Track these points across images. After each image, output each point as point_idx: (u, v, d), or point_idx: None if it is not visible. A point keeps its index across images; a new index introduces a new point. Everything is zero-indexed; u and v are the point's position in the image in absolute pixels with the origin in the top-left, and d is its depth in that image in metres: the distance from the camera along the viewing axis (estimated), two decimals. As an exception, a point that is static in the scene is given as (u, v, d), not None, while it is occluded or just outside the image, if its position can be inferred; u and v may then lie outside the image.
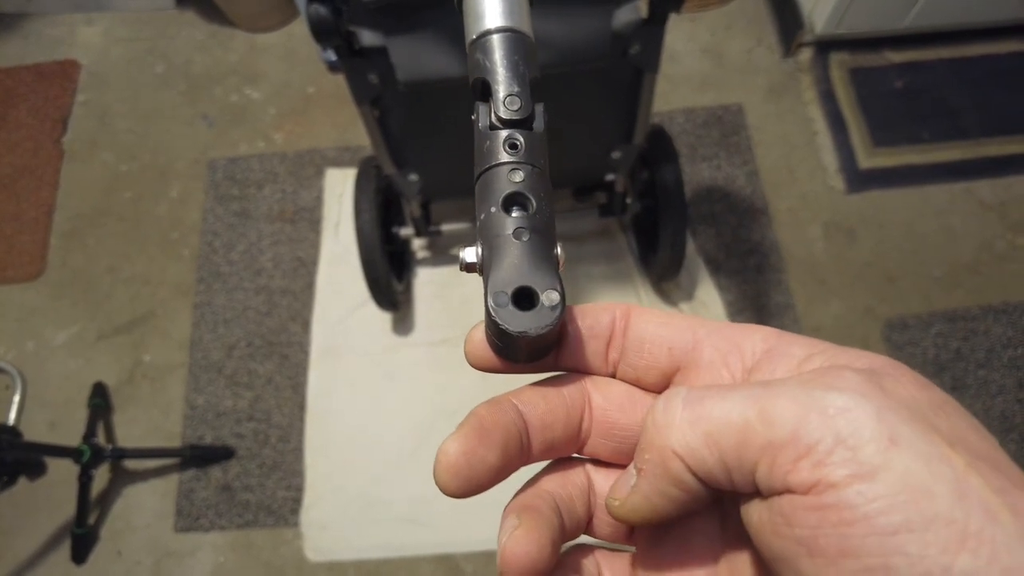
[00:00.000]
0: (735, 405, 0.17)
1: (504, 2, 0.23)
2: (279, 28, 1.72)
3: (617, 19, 0.85)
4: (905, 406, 0.16)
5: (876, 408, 0.15)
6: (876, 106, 1.52)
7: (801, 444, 0.15)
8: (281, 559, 1.22)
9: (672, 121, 1.54)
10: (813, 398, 0.16)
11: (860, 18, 1.44)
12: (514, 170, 0.22)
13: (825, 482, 0.15)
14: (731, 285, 1.38)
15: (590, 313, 0.23)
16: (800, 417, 0.15)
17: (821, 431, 0.15)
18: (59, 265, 1.50)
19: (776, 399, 0.16)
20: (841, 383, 0.16)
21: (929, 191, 1.45)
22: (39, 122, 1.64)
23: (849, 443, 0.15)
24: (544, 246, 0.21)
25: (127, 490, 1.29)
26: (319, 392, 1.33)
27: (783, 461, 0.15)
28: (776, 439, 0.16)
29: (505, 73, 0.22)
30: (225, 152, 1.58)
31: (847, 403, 0.15)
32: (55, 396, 1.37)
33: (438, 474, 0.19)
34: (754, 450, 0.16)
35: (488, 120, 0.23)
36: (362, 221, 1.16)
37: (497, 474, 0.20)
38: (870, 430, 0.15)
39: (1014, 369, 1.29)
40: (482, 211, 0.22)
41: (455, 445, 0.19)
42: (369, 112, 0.94)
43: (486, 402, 0.21)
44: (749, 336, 0.20)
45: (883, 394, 0.16)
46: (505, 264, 0.21)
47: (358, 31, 0.84)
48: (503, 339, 0.21)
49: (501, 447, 0.20)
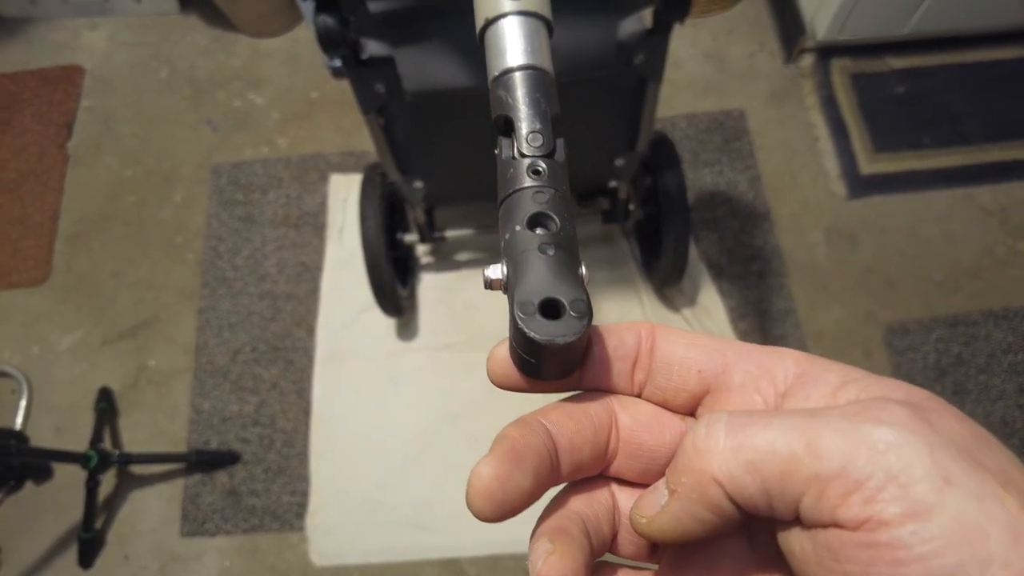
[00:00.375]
0: (780, 435, 0.17)
1: (526, 41, 0.24)
2: (283, 33, 1.73)
3: (622, 29, 0.86)
4: (953, 442, 0.16)
5: (928, 445, 0.15)
6: (877, 112, 1.53)
7: (851, 479, 0.15)
8: (286, 563, 1.22)
9: (674, 126, 1.54)
10: (862, 432, 0.16)
11: (862, 24, 1.45)
12: (538, 192, 0.22)
13: (877, 519, 0.15)
14: (733, 290, 1.38)
15: (615, 333, 0.22)
16: (849, 451, 0.15)
17: (871, 467, 0.15)
18: (64, 270, 1.50)
19: (823, 431, 0.16)
20: (889, 417, 0.16)
21: (930, 196, 1.46)
22: (44, 127, 1.65)
23: (901, 480, 0.15)
24: (569, 261, 0.21)
25: (133, 495, 1.30)
26: (324, 397, 1.33)
27: (832, 495, 0.15)
28: (824, 472, 0.16)
29: (527, 110, 0.23)
30: (229, 157, 1.59)
31: (897, 439, 0.15)
32: (60, 401, 1.38)
33: (471, 498, 0.19)
34: (800, 481, 0.16)
35: (511, 153, 0.23)
36: (367, 227, 1.17)
37: (530, 497, 0.20)
38: (923, 468, 0.15)
39: (1014, 374, 1.30)
40: (507, 231, 0.22)
41: (489, 469, 0.19)
42: (375, 120, 0.95)
43: (515, 423, 0.21)
44: (781, 360, 0.20)
45: (932, 430, 0.16)
46: (531, 277, 0.21)
47: (365, 41, 0.85)
48: (529, 350, 0.20)
49: (534, 471, 0.19)
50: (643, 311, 1.35)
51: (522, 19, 0.24)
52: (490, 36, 0.24)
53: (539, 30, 0.24)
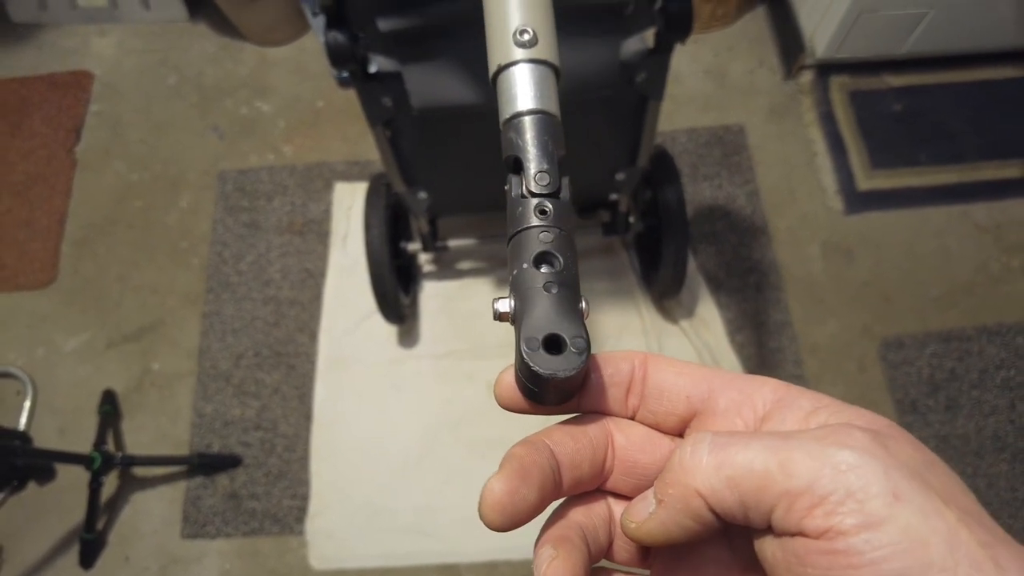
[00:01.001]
0: (757, 454, 0.19)
1: (535, 87, 0.26)
2: (290, 42, 1.75)
3: (625, 49, 0.88)
4: (905, 464, 0.18)
5: (883, 466, 0.17)
6: (875, 129, 1.55)
7: (816, 494, 0.17)
8: (286, 567, 1.24)
9: (674, 140, 1.57)
10: (827, 454, 0.18)
11: (860, 42, 1.48)
12: (544, 232, 0.24)
13: (836, 529, 0.17)
14: (731, 303, 1.40)
15: (611, 361, 0.25)
16: (816, 470, 0.18)
17: (834, 484, 0.17)
18: (70, 273, 1.52)
19: (794, 452, 0.18)
20: (852, 441, 0.18)
21: (926, 213, 1.48)
22: (52, 131, 1.67)
23: (858, 496, 0.17)
24: (571, 299, 0.23)
25: (135, 496, 1.31)
26: (325, 402, 1.35)
27: (799, 507, 0.18)
28: (793, 488, 0.18)
29: (536, 152, 0.25)
30: (235, 164, 1.61)
31: (857, 460, 0.18)
32: (64, 402, 1.39)
33: (484, 511, 0.21)
34: (772, 495, 0.18)
35: (520, 190, 0.25)
36: (372, 236, 1.19)
37: (535, 510, 0.22)
38: (877, 485, 0.17)
39: (1007, 390, 1.31)
40: (515, 267, 0.24)
41: (500, 484, 0.21)
42: (381, 133, 0.97)
43: (522, 443, 0.23)
44: (761, 388, 0.23)
45: (887, 453, 0.18)
46: (536, 314, 0.23)
47: (373, 56, 0.87)
48: (533, 381, 0.23)
49: (539, 486, 0.22)
50: (642, 323, 1.37)
51: (532, 67, 0.26)
52: (502, 81, 0.26)
53: (548, 77, 0.26)
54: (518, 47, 0.26)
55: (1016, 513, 1.23)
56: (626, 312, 1.39)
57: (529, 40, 0.26)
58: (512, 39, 0.26)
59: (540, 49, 0.26)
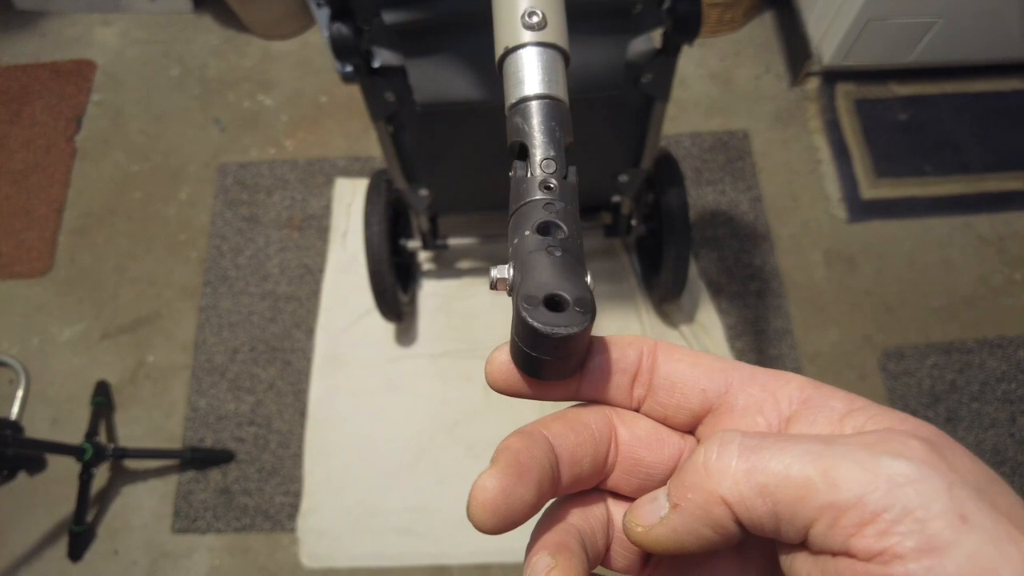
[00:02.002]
0: (795, 460, 0.17)
1: (543, 71, 0.25)
2: (294, 36, 1.75)
3: (632, 49, 0.87)
4: (968, 481, 0.16)
5: (946, 482, 0.15)
6: (880, 137, 1.54)
7: (867, 510, 0.15)
8: (276, 564, 1.23)
9: (679, 145, 1.56)
10: (880, 464, 0.16)
11: (867, 51, 1.47)
12: (548, 204, 0.22)
13: (891, 552, 0.15)
14: (732, 309, 1.39)
15: (618, 345, 0.22)
16: (867, 482, 0.15)
17: (889, 499, 0.15)
18: (67, 262, 1.51)
19: (841, 460, 0.16)
20: (908, 451, 0.16)
21: (929, 223, 1.47)
22: (53, 120, 1.66)
23: (918, 515, 0.15)
24: (575, 263, 0.21)
25: (126, 489, 1.30)
26: (320, 399, 1.34)
27: (845, 524, 0.15)
28: (840, 501, 0.16)
29: (542, 138, 0.24)
30: (236, 157, 1.60)
31: (916, 473, 0.15)
32: (58, 392, 1.38)
33: (474, 511, 0.19)
34: (813, 508, 0.16)
35: (524, 174, 0.24)
36: (371, 232, 1.18)
37: (532, 510, 0.19)
38: (941, 504, 0.15)
39: (1007, 403, 1.30)
40: (515, 237, 0.22)
41: (493, 481, 0.19)
42: (384, 128, 0.96)
43: (518, 433, 0.20)
44: (785, 384, 0.20)
45: (949, 467, 0.16)
46: (536, 275, 0.21)
47: (377, 50, 0.86)
48: (531, 342, 0.20)
49: (537, 483, 0.19)
50: (641, 326, 1.36)
51: (541, 50, 0.25)
52: (509, 64, 0.25)
53: (556, 61, 0.25)
54: (526, 29, 0.25)
55: (1014, 527, 1.22)
56: (626, 315, 1.38)
57: (538, 23, 0.25)
58: (520, 21, 0.25)
59: (549, 32, 0.25)
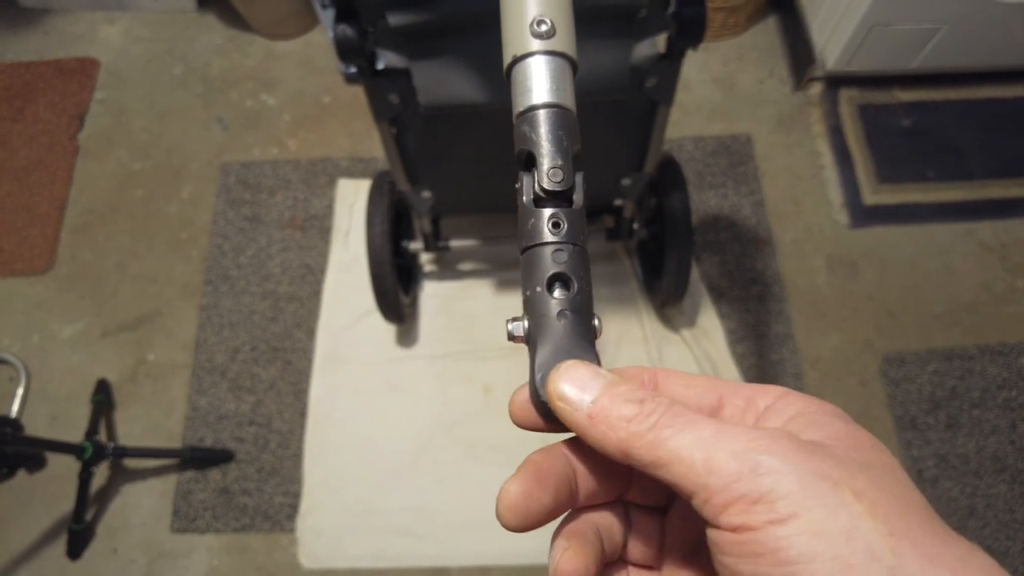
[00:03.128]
0: (688, 443, 0.20)
1: (551, 80, 0.25)
2: (298, 36, 1.75)
3: (636, 53, 0.87)
4: (828, 467, 0.19)
5: (799, 472, 0.19)
6: (883, 143, 1.54)
7: (732, 494, 0.19)
8: (275, 564, 1.22)
9: (681, 148, 1.56)
10: (749, 458, 0.19)
11: (871, 56, 1.47)
12: (558, 251, 0.24)
13: (747, 526, 0.19)
14: (733, 313, 1.39)
15: (622, 377, 0.25)
16: (736, 473, 0.19)
17: (750, 486, 0.19)
18: (68, 260, 1.51)
19: (720, 451, 0.20)
20: (777, 447, 0.19)
21: (932, 230, 1.47)
22: (56, 117, 1.66)
23: (770, 498, 0.19)
24: (583, 324, 0.24)
25: (125, 488, 1.30)
26: (321, 399, 1.34)
27: (715, 503, 0.19)
28: (712, 485, 0.19)
29: (550, 147, 0.24)
30: (238, 156, 1.60)
31: (776, 466, 0.19)
32: (58, 390, 1.38)
33: (500, 511, 0.22)
34: (693, 484, 0.20)
35: (532, 192, 0.24)
36: (373, 233, 1.18)
37: (550, 514, 0.23)
38: (788, 487, 0.19)
39: (1008, 410, 1.30)
40: (528, 288, 0.24)
41: (515, 486, 0.22)
42: (387, 130, 0.96)
43: (542, 450, 0.24)
44: (764, 395, 0.24)
45: (809, 458, 0.19)
46: (548, 343, 0.23)
47: (382, 52, 0.86)
48: (545, 410, 0.24)
49: (554, 491, 0.23)
50: (642, 331, 1.36)
51: (549, 59, 0.25)
52: (517, 73, 0.25)
53: (565, 70, 0.25)
54: (535, 38, 0.25)
55: (1014, 535, 1.22)
56: (627, 319, 1.37)
57: (547, 31, 0.25)
58: (529, 30, 0.25)
59: (558, 41, 0.25)
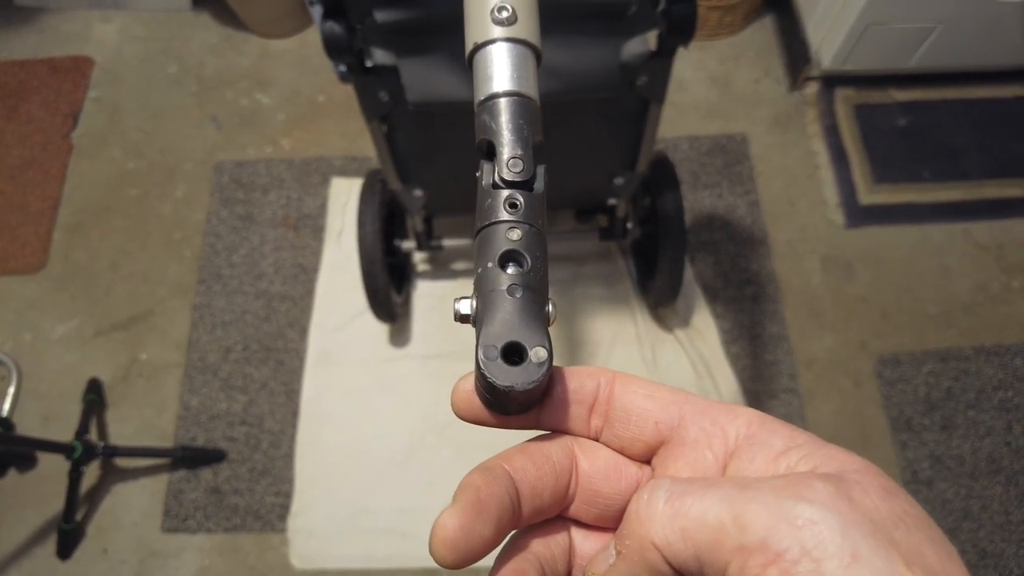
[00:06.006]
0: (712, 505, 0.18)
1: (512, 67, 0.24)
2: (292, 35, 1.74)
3: (626, 51, 0.86)
4: (869, 519, 0.17)
5: (841, 524, 0.17)
6: (879, 143, 1.54)
7: (771, 551, 0.17)
8: (266, 565, 1.22)
9: (676, 148, 1.55)
10: (784, 508, 0.17)
11: (867, 56, 1.46)
12: (512, 228, 0.23)
13: None
14: (727, 313, 1.39)
15: (576, 376, 0.23)
16: (771, 526, 0.17)
17: (789, 541, 0.17)
18: (61, 259, 1.50)
19: (750, 504, 0.17)
20: (811, 494, 0.17)
21: (927, 230, 1.46)
22: (50, 116, 1.65)
23: (814, 555, 0.16)
24: (536, 303, 0.22)
25: (116, 488, 1.29)
26: (313, 399, 1.33)
27: (753, 564, 0.17)
28: (748, 544, 0.17)
29: (510, 136, 0.23)
30: (232, 155, 1.60)
31: (814, 516, 0.17)
32: (49, 389, 1.38)
33: (435, 547, 0.20)
34: (726, 551, 0.17)
35: (492, 179, 0.23)
36: (365, 232, 1.18)
37: (491, 545, 0.20)
38: (835, 545, 0.16)
39: (1004, 411, 1.30)
40: (479, 266, 0.23)
41: (453, 520, 0.20)
42: (377, 128, 0.95)
43: (480, 469, 0.22)
44: (734, 419, 0.22)
45: (849, 507, 0.17)
46: (497, 319, 0.21)
47: (371, 49, 0.86)
48: (491, 391, 0.22)
49: (496, 520, 0.20)
50: (636, 330, 1.35)
51: (511, 46, 0.24)
52: (478, 60, 0.25)
53: (527, 58, 0.25)
54: (496, 24, 0.24)
55: (1009, 537, 1.21)
56: (621, 319, 1.37)
57: (508, 18, 0.24)
58: (490, 16, 0.24)
59: (519, 28, 0.24)
